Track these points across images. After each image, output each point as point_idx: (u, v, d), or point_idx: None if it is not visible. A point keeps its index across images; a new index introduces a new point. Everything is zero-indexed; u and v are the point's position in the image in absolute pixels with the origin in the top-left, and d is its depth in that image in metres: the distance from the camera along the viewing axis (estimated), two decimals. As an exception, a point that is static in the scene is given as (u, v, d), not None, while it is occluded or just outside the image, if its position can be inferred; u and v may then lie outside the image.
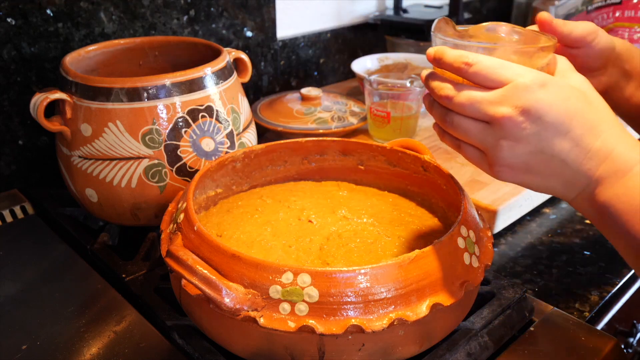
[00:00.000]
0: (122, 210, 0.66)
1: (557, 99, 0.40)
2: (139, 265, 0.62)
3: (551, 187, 0.44)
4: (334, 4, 1.18)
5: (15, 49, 0.76)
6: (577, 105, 0.41)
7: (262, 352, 0.47)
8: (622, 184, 0.41)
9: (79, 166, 0.65)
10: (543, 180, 0.43)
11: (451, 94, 0.43)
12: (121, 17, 0.84)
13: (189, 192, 0.54)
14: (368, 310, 0.43)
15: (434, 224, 0.60)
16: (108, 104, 0.62)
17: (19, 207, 0.76)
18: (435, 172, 0.61)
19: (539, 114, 0.40)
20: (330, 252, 0.54)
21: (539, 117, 0.40)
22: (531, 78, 0.40)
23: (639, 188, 0.40)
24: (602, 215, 0.42)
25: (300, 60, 1.15)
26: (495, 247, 0.73)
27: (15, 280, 0.60)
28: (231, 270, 0.45)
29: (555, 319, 0.57)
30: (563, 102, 0.41)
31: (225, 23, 0.98)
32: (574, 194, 0.43)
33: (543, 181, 0.43)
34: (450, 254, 0.47)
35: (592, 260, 0.70)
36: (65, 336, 0.52)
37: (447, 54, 0.43)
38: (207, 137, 0.65)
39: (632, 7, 1.18)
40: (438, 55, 0.44)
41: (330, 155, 0.68)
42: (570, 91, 0.41)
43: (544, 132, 0.40)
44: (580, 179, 0.42)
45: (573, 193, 0.43)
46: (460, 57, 0.42)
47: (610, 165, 0.41)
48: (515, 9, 1.62)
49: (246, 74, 0.75)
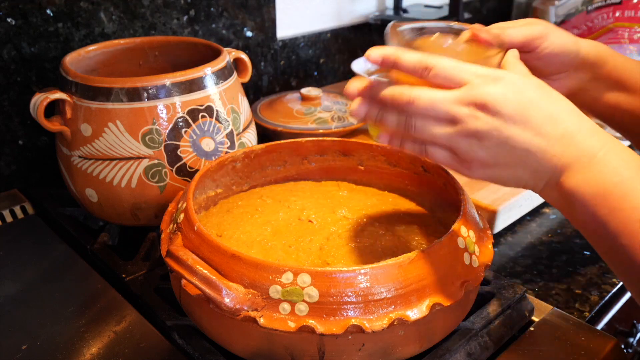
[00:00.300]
0: (122, 210, 0.66)
1: (511, 91, 0.42)
2: (139, 265, 0.62)
3: (520, 178, 0.44)
4: (334, 4, 1.18)
5: (15, 49, 0.76)
6: (532, 96, 0.42)
7: (262, 352, 0.47)
8: (587, 169, 0.41)
9: (79, 166, 0.65)
10: (512, 172, 0.43)
11: (412, 98, 0.43)
12: (121, 17, 0.84)
13: (189, 192, 0.54)
14: (368, 310, 0.43)
15: (433, 223, 0.60)
16: (108, 104, 0.62)
17: (19, 207, 0.76)
18: (435, 172, 0.61)
19: (496, 108, 0.41)
20: (330, 252, 0.54)
21: (497, 111, 0.41)
22: (485, 74, 0.42)
23: (604, 173, 0.41)
24: (570, 203, 0.42)
25: (300, 60, 1.15)
26: (495, 247, 0.73)
27: (15, 280, 0.60)
28: (231, 270, 0.45)
29: (555, 319, 0.57)
30: (517, 94, 0.42)
31: (225, 23, 0.98)
32: (542, 183, 0.44)
33: (512, 173, 0.44)
34: (450, 254, 0.47)
35: (592, 260, 0.70)
36: (65, 336, 0.52)
37: (405, 57, 0.44)
38: (207, 137, 0.65)
39: (632, 7, 1.18)
40: (393, 58, 0.44)
41: (330, 155, 0.68)
42: (525, 84, 0.43)
43: (503, 125, 0.41)
44: (546, 166, 0.42)
45: (541, 182, 0.44)
46: (420, 60, 0.43)
47: (574, 151, 0.42)
48: (515, 8, 1.62)
49: (246, 74, 0.75)
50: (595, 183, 0.41)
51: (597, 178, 0.41)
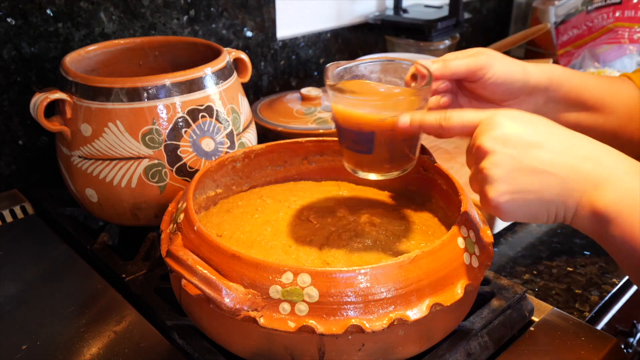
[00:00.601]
0: (122, 210, 0.66)
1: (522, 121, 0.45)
2: (139, 265, 0.62)
3: (547, 201, 0.44)
4: (334, 4, 1.18)
5: (15, 49, 0.76)
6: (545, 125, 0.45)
7: (262, 352, 0.47)
8: (620, 186, 0.41)
9: (79, 166, 0.65)
10: (538, 197, 0.44)
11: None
12: (121, 17, 0.84)
13: (189, 192, 0.54)
14: (368, 310, 0.43)
15: (434, 224, 0.60)
16: (108, 104, 0.62)
17: (19, 207, 0.76)
18: (435, 172, 0.61)
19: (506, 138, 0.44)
20: (330, 252, 0.54)
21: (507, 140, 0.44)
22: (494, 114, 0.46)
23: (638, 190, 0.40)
24: (603, 223, 0.42)
25: (300, 60, 1.15)
26: (495, 247, 0.73)
27: (15, 280, 0.60)
28: (231, 270, 0.45)
29: (555, 319, 0.57)
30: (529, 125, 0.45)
31: (225, 23, 0.98)
32: (573, 203, 0.43)
33: (538, 197, 0.44)
34: (450, 254, 0.47)
35: (592, 260, 0.70)
36: (65, 336, 0.52)
37: (426, 120, 0.49)
38: (207, 137, 0.65)
39: (632, 7, 1.18)
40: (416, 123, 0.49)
41: (330, 155, 0.68)
42: (533, 117, 0.46)
43: (515, 151, 0.43)
44: (577, 180, 0.42)
45: (572, 203, 0.43)
46: (437, 119, 0.48)
47: (604, 169, 0.42)
48: (515, 8, 1.62)
49: (246, 74, 0.75)
50: (632, 199, 0.40)
51: (633, 195, 0.40)
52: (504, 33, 1.64)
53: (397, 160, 0.54)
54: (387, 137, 0.51)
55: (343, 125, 0.52)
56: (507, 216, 0.45)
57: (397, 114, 0.49)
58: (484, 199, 0.46)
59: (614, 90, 0.60)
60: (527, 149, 0.43)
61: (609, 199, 0.41)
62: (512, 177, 0.43)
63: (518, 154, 0.43)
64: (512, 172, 0.43)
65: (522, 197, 0.44)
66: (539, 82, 0.57)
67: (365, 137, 0.51)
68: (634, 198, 0.40)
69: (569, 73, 0.59)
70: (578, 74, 0.60)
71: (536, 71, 0.57)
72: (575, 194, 0.43)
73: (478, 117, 0.47)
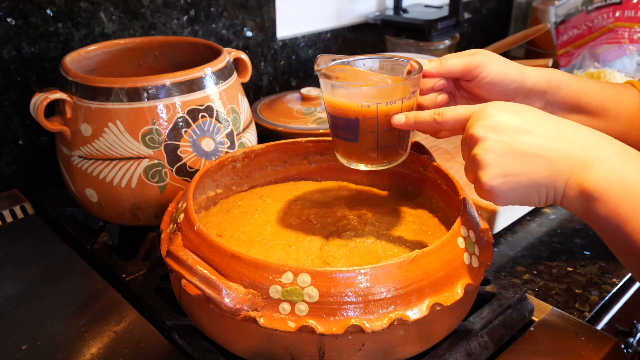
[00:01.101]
0: (122, 210, 0.66)
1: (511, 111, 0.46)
2: (139, 265, 0.62)
3: (537, 183, 0.45)
4: (334, 4, 1.18)
5: (15, 49, 0.76)
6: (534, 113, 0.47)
7: (262, 352, 0.47)
8: (609, 166, 0.42)
9: (79, 166, 0.65)
10: (528, 179, 0.45)
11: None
12: (121, 17, 0.84)
13: (189, 192, 0.54)
14: (368, 310, 0.43)
15: (434, 224, 0.60)
16: (108, 104, 0.62)
17: (19, 207, 0.76)
18: (435, 172, 0.61)
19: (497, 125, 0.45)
20: (330, 252, 0.54)
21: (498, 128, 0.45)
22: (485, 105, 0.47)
23: (626, 170, 0.42)
24: (590, 201, 0.43)
25: (300, 60, 1.15)
26: (495, 247, 0.73)
27: (15, 280, 0.60)
28: (231, 270, 0.45)
29: (555, 319, 0.57)
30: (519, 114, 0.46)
31: (225, 23, 0.98)
32: (562, 184, 0.44)
33: (528, 180, 0.45)
34: (450, 254, 0.47)
35: (592, 260, 0.70)
36: (65, 336, 0.52)
37: (420, 116, 0.51)
38: (207, 137, 0.65)
39: (632, 7, 1.18)
40: (411, 121, 0.51)
41: (330, 155, 0.68)
42: (522, 107, 0.47)
43: (505, 137, 0.45)
44: (565, 162, 0.44)
45: (561, 184, 0.44)
46: (431, 115, 0.50)
47: (593, 150, 0.44)
48: (515, 8, 1.62)
49: (246, 74, 0.75)
50: (618, 180, 0.42)
51: (620, 175, 0.42)
52: (504, 33, 1.65)
53: (384, 150, 0.55)
54: (370, 124, 0.52)
55: (331, 112, 0.54)
56: (500, 199, 0.47)
57: (380, 101, 0.51)
58: (478, 184, 0.47)
59: (617, 96, 0.60)
60: (516, 135, 0.45)
61: (596, 178, 0.43)
62: (503, 161, 0.45)
63: (508, 139, 0.45)
64: (502, 156, 0.45)
65: (513, 179, 0.45)
66: (536, 85, 0.57)
67: (351, 124, 0.52)
68: (620, 177, 0.42)
69: (569, 77, 0.59)
70: (580, 79, 0.60)
71: (534, 74, 0.57)
72: (564, 175, 0.44)
73: (470, 109, 0.48)
